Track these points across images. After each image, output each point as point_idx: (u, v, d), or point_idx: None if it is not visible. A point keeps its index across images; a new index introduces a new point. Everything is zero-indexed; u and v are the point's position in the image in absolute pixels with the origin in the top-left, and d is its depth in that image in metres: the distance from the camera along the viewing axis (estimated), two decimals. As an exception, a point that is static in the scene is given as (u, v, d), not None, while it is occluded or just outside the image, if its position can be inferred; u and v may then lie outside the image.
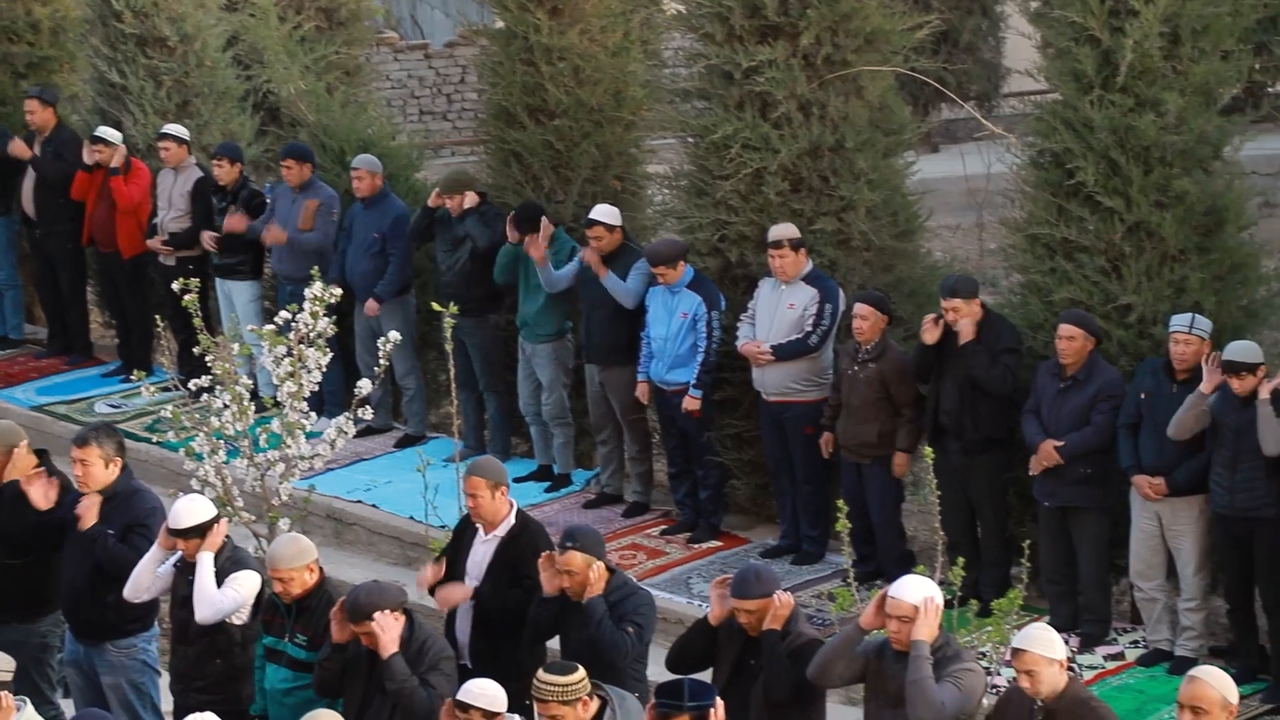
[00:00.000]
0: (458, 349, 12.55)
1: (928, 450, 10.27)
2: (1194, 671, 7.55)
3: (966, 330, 11.01)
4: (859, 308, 11.44)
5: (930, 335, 11.12)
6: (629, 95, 13.66)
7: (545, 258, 12.66)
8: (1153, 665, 10.69)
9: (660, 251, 12.22)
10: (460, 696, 8.07)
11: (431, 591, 9.68)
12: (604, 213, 12.69)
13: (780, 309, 11.91)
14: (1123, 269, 10.98)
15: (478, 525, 9.70)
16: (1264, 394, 9.94)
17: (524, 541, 9.56)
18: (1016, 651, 7.81)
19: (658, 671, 9.14)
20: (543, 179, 13.67)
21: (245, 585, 9.28)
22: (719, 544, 12.53)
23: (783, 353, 11.80)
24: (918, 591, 8.18)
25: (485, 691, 8.06)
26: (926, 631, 8.05)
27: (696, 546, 12.51)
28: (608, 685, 8.12)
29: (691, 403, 12.15)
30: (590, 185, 13.59)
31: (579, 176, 13.59)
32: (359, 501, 13.41)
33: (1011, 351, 11.02)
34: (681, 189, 12.84)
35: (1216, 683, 7.41)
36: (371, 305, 13.77)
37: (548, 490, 13.35)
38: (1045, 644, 7.78)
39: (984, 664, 10.13)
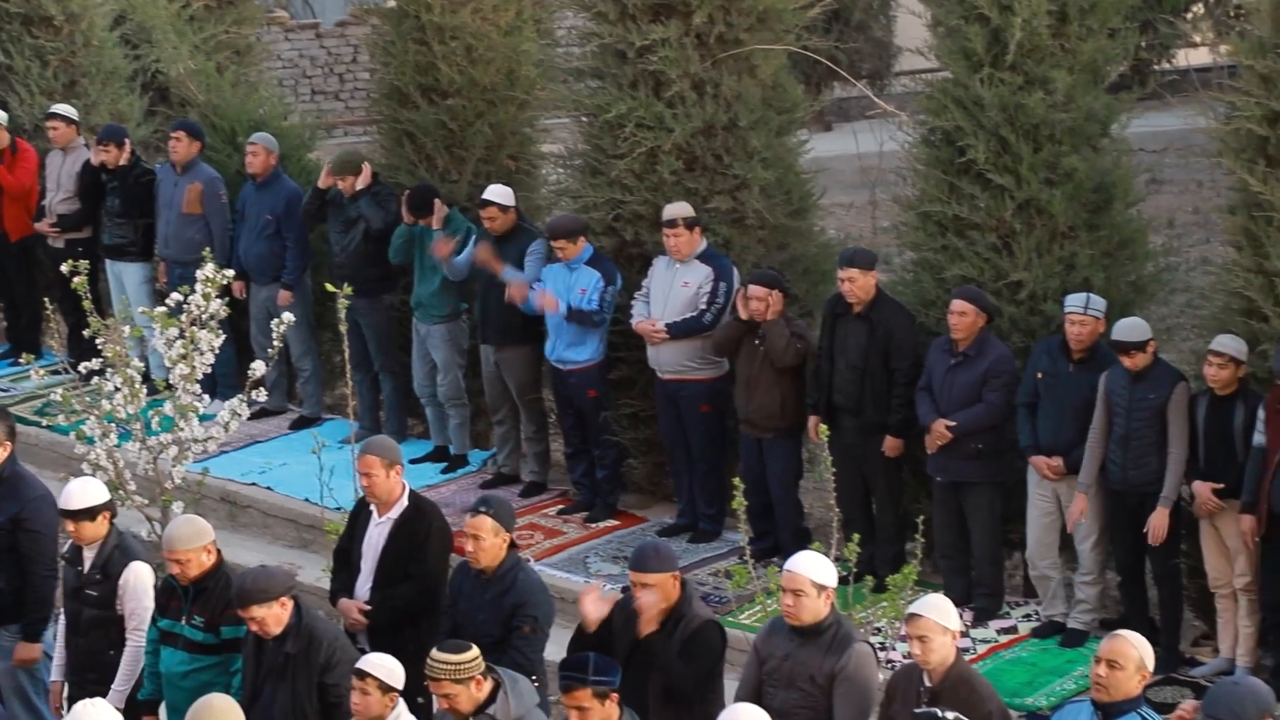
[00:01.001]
0: (352, 330, 12.49)
1: (823, 428, 10.32)
2: (1118, 630, 7.66)
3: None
4: (754, 289, 11.48)
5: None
6: (522, 74, 13.63)
7: (449, 255, 12.58)
8: (1046, 638, 10.81)
9: (560, 225, 12.21)
10: (360, 664, 8.07)
11: (333, 601, 9.65)
12: (497, 193, 12.66)
13: (675, 287, 11.93)
14: (1013, 246, 11.07)
15: (372, 508, 9.66)
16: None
17: (417, 524, 9.54)
18: (912, 616, 7.85)
19: (555, 651, 9.15)
20: (436, 159, 13.61)
21: (145, 595, 9.22)
22: (616, 523, 12.56)
23: (678, 330, 11.83)
24: (815, 568, 8.18)
25: (384, 664, 8.06)
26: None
27: (594, 526, 12.53)
28: (501, 668, 8.11)
29: (551, 300, 12.08)
30: (484, 165, 13.56)
31: (473, 156, 13.55)
32: (254, 484, 13.33)
33: (905, 332, 11.09)
34: (576, 168, 12.83)
35: (1138, 644, 7.53)
36: (284, 295, 13.69)
37: (444, 471, 13.33)
38: (942, 613, 7.85)
39: (879, 639, 10.23)
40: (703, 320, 11.82)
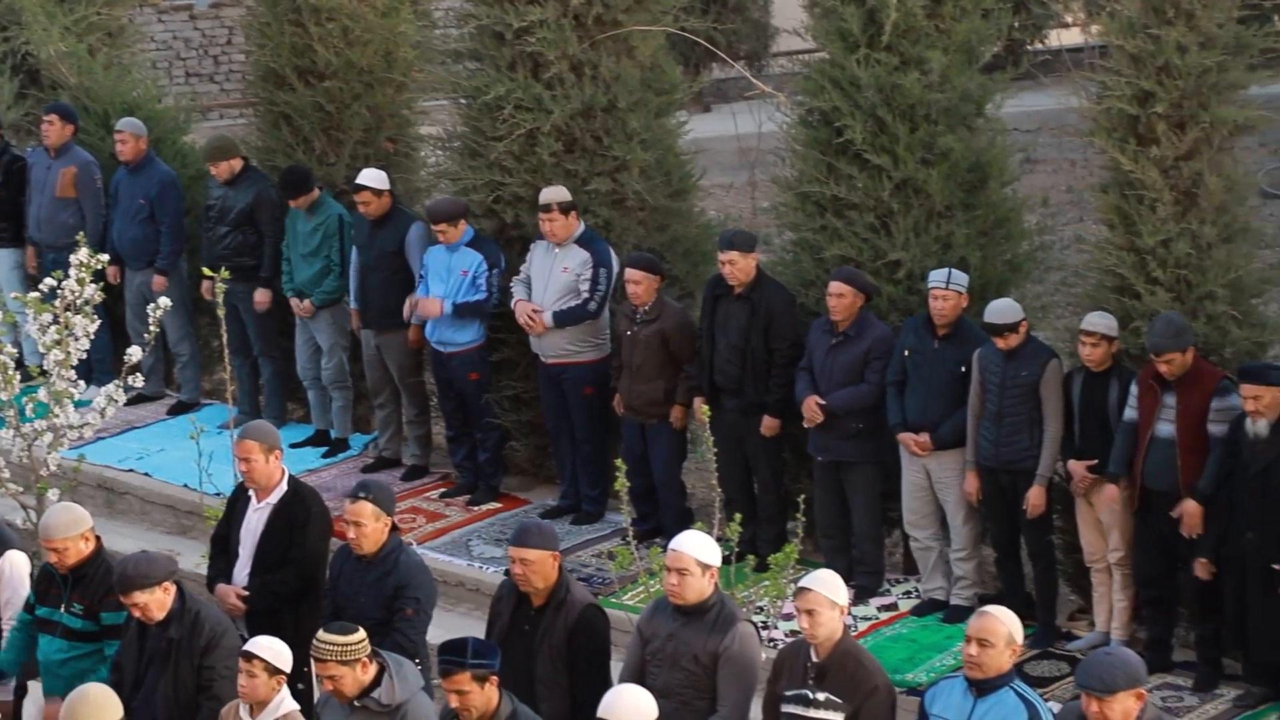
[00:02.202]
0: (230, 315, 12.39)
1: (705, 409, 10.36)
2: (986, 608, 7.72)
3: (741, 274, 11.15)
4: (631, 273, 11.49)
5: None
6: (400, 56, 13.55)
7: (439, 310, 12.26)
8: (926, 615, 10.91)
9: (440, 208, 12.16)
10: (248, 647, 8.03)
11: (211, 587, 9.58)
12: (371, 177, 12.59)
13: (555, 272, 11.92)
14: (891, 226, 11.15)
15: (251, 493, 9.60)
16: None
17: (296, 509, 9.49)
18: (801, 590, 7.89)
19: (438, 634, 9.13)
20: (313, 141, 13.52)
21: (21, 584, 9.11)
22: (498, 505, 12.54)
23: (562, 320, 11.82)
24: (699, 547, 8.20)
25: (272, 646, 8.04)
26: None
27: (476, 509, 12.51)
28: (386, 652, 8.09)
29: (435, 307, 12.02)
30: (362, 148, 13.48)
31: (350, 139, 13.46)
32: (131, 470, 13.21)
33: (786, 313, 11.14)
34: (455, 150, 12.78)
35: (1005, 619, 7.59)
36: (159, 281, 13.55)
37: (325, 455, 13.26)
38: (831, 587, 7.89)
39: (761, 619, 10.28)
40: (588, 309, 11.82)
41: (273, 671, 7.99)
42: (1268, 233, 15.68)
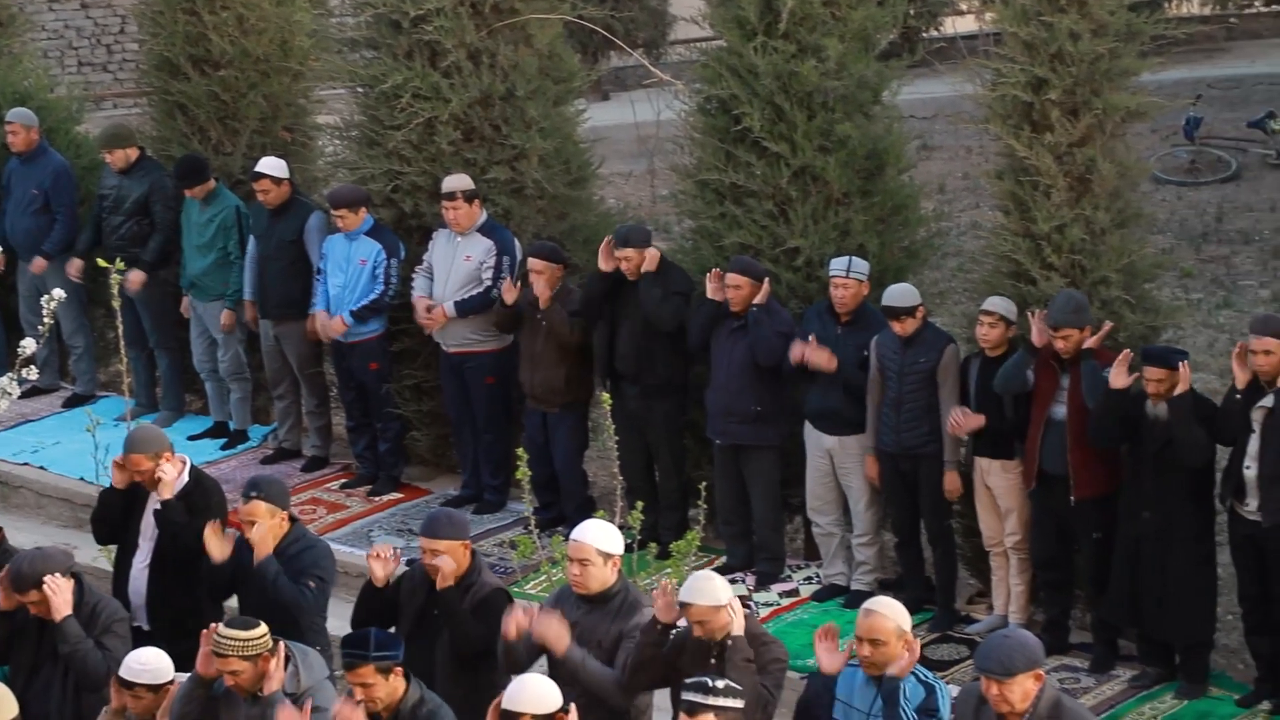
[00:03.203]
0: (126, 306, 12.28)
1: (605, 396, 10.36)
2: (868, 605, 7.73)
3: (650, 263, 11.12)
4: (534, 262, 11.48)
5: (606, 264, 11.13)
6: (296, 45, 13.47)
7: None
8: (827, 600, 10.97)
9: (341, 195, 12.11)
10: (122, 674, 7.94)
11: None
12: (271, 165, 12.52)
13: (457, 261, 11.89)
14: (790, 213, 11.20)
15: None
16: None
17: (196, 499, 9.42)
18: (684, 605, 7.90)
19: (339, 625, 9.10)
20: (209, 131, 13.42)
21: None
22: (400, 496, 12.51)
23: (466, 309, 11.79)
24: (603, 539, 8.19)
25: (148, 666, 7.95)
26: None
27: (377, 499, 12.46)
28: (290, 641, 8.05)
29: (338, 326, 12.04)
30: (259, 137, 13.39)
31: (247, 128, 13.37)
32: (26, 464, 13.07)
33: (682, 295, 11.16)
34: (353, 139, 12.72)
35: (891, 614, 7.62)
36: (39, 263, 13.41)
37: (224, 447, 13.17)
38: (708, 594, 7.84)
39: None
40: (490, 296, 11.80)
41: (157, 688, 7.92)
42: (1160, 218, 15.91)
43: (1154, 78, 10.86)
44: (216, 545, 8.92)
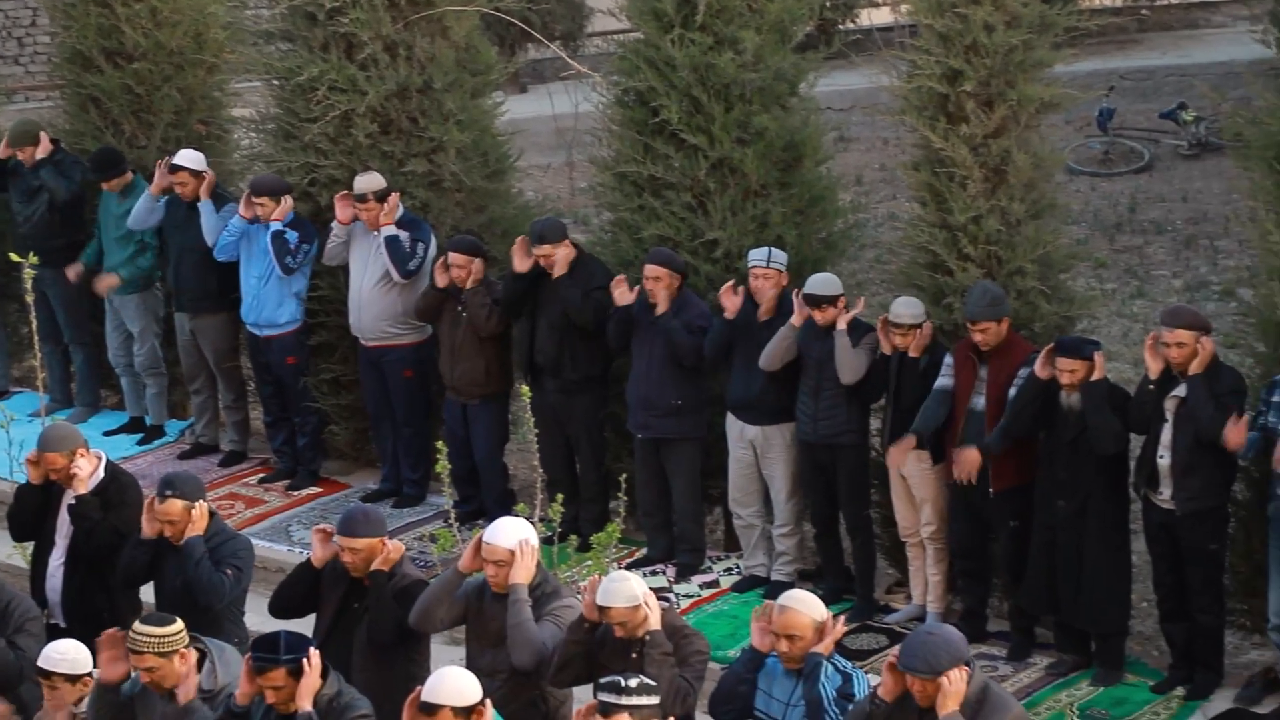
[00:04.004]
0: (40, 301, 12.18)
1: (525, 389, 10.35)
2: (783, 600, 7.75)
3: (560, 266, 11.11)
4: (453, 256, 11.45)
5: (521, 264, 11.12)
6: (210, 37, 13.39)
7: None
8: (747, 591, 11.01)
9: (264, 182, 12.04)
10: (40, 663, 7.87)
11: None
12: (189, 158, 12.45)
13: (374, 254, 11.84)
14: (708, 205, 11.22)
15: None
16: (841, 325, 10.29)
17: (111, 492, 9.37)
18: (603, 610, 7.91)
19: (259, 621, 9.06)
20: (123, 124, 13.32)
21: None
22: (319, 490, 12.47)
23: (393, 248, 11.64)
24: (512, 535, 8.23)
25: (65, 655, 7.90)
26: (523, 574, 8.12)
27: (296, 493, 12.42)
28: (206, 637, 8.01)
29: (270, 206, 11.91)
30: (174, 130, 13.31)
31: (161, 121, 13.29)
32: (-61, 462, 12.92)
33: (602, 289, 11.17)
34: (269, 132, 12.65)
35: (807, 609, 7.65)
36: None
37: (141, 442, 13.09)
38: (624, 595, 7.88)
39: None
40: (408, 267, 11.68)
41: (74, 679, 7.86)
42: (1074, 209, 16.04)
43: (1067, 69, 10.96)
44: (147, 522, 8.86)
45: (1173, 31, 23.32)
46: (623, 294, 10.84)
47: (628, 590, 7.86)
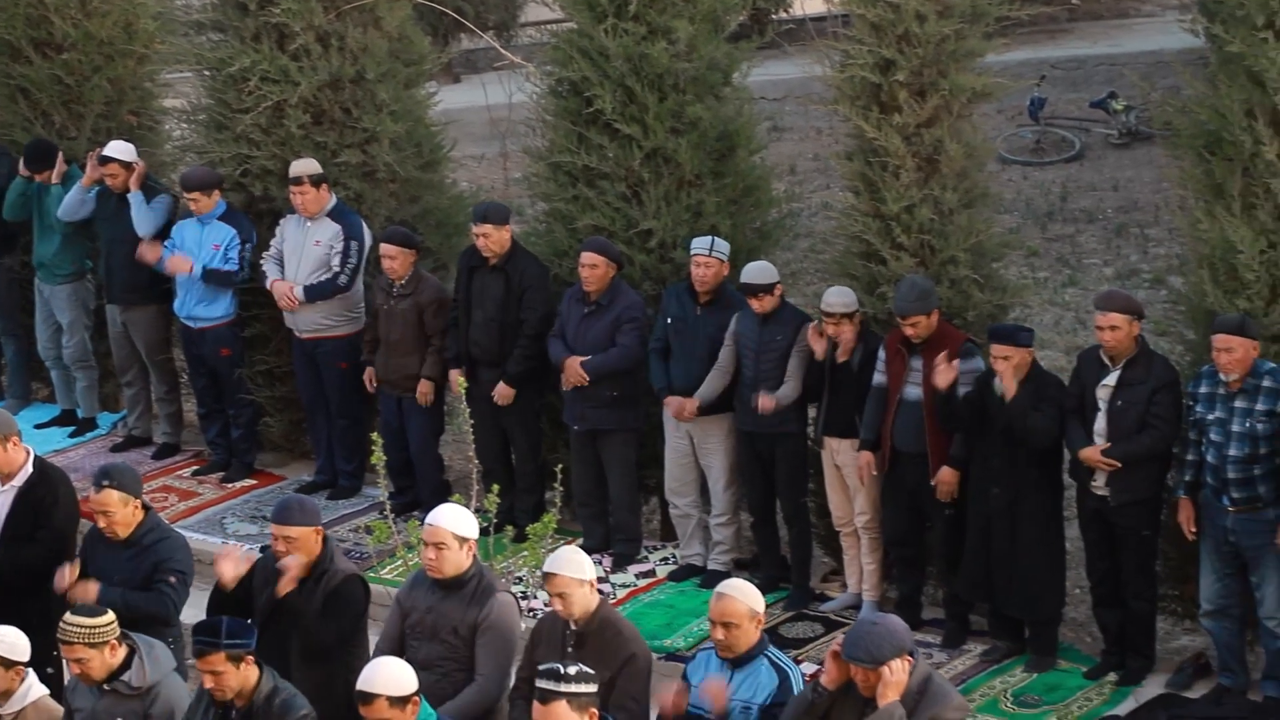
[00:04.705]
0: (-32, 294, 12.08)
1: (460, 380, 10.34)
2: (720, 588, 7.78)
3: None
4: (386, 247, 11.42)
5: (818, 347, 10.38)
6: (140, 27, 13.31)
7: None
8: (683, 580, 11.03)
9: (194, 177, 11.99)
10: None
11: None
12: (119, 149, 12.37)
13: (307, 245, 11.81)
14: (642, 195, 11.22)
15: (-8, 477, 9.39)
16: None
17: (41, 490, 9.30)
18: (548, 576, 7.93)
19: (192, 615, 9.01)
20: (53, 115, 13.23)
21: None
22: (253, 482, 12.42)
23: (313, 295, 11.71)
24: (454, 519, 8.18)
25: (4, 639, 7.86)
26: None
27: (230, 486, 12.37)
28: (136, 634, 7.96)
29: (181, 262, 11.92)
30: (104, 121, 13.23)
31: (91, 112, 13.21)
32: None
33: (534, 287, 11.16)
34: (200, 123, 12.59)
35: (743, 596, 7.67)
36: None
37: (72, 435, 13.01)
38: (574, 566, 7.93)
39: (520, 589, 10.31)
40: (337, 282, 11.74)
41: (9, 664, 7.82)
42: (1006, 198, 16.14)
43: (999, 59, 10.99)
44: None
45: (1103, 21, 23.46)
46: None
47: (578, 562, 7.90)
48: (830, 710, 7.30)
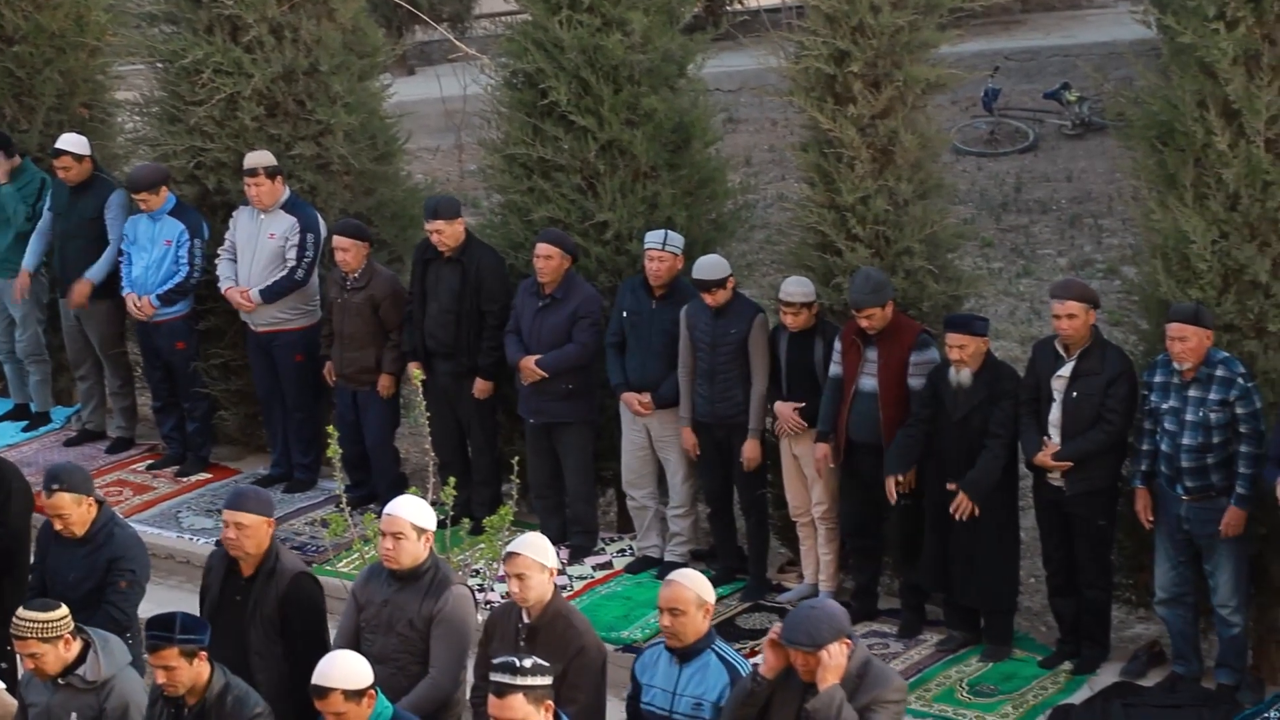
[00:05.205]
0: (-80, 288, 12.01)
1: (416, 372, 10.32)
2: (671, 575, 7.78)
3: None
4: (339, 240, 11.40)
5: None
6: (92, 20, 13.25)
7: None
8: (640, 572, 11.03)
9: (140, 177, 11.94)
10: None
11: None
12: (71, 142, 12.32)
13: (261, 239, 11.78)
14: (598, 187, 11.22)
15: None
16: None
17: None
18: (510, 555, 7.91)
19: (147, 608, 8.98)
20: (4, 108, 13.18)
21: None
22: (209, 476, 12.38)
23: (272, 295, 11.68)
24: (411, 508, 8.16)
25: None
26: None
27: (185, 479, 12.33)
28: (91, 628, 7.93)
29: (146, 308, 11.93)
30: (55, 114, 13.18)
31: (43, 105, 13.14)
32: None
33: (496, 276, 11.15)
34: (153, 116, 12.53)
35: (692, 584, 7.66)
36: None
37: (26, 430, 12.95)
38: (539, 550, 7.92)
39: (477, 581, 10.30)
40: (294, 278, 11.70)
41: None
42: (960, 189, 16.18)
43: (953, 50, 11.02)
44: None
45: (1056, 12, 23.55)
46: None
47: (541, 546, 7.88)
48: (772, 699, 7.31)
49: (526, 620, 7.95)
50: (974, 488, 9.71)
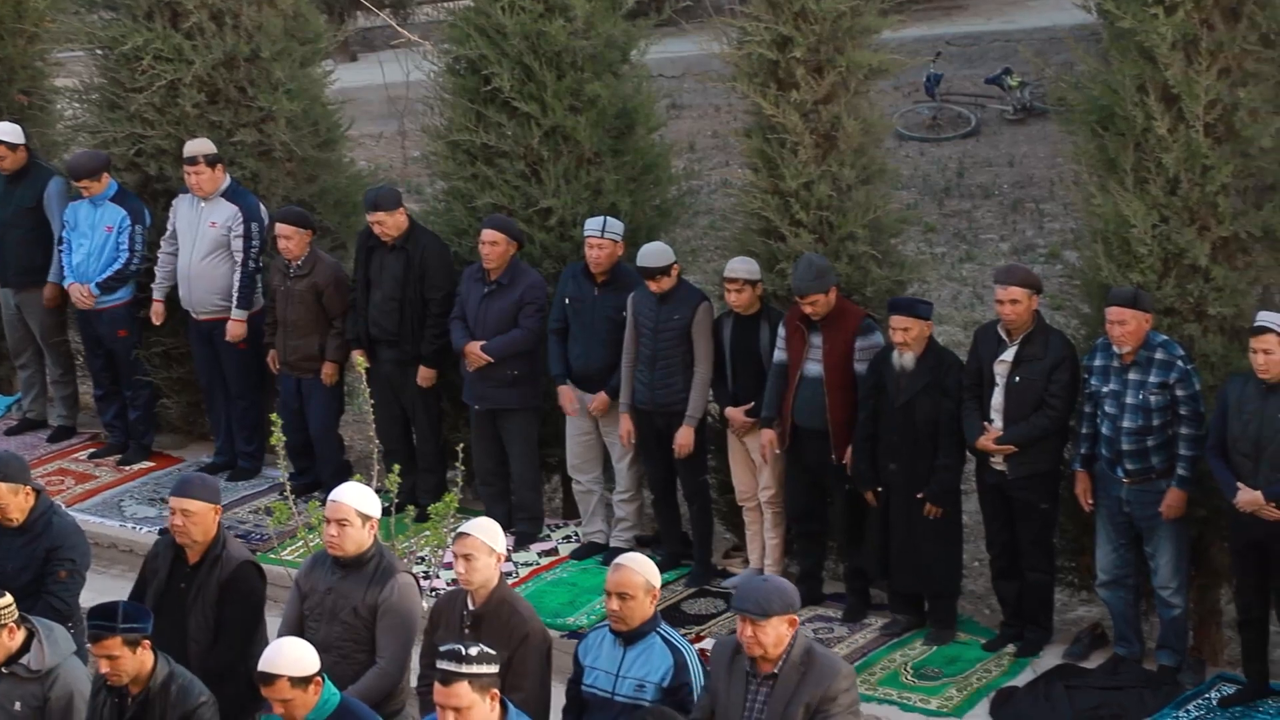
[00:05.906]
0: None
1: (361, 360, 10.29)
2: (619, 560, 7.82)
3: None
4: (281, 228, 11.36)
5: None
6: (30, 6, 13.17)
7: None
8: (586, 558, 11.04)
9: (80, 165, 11.87)
10: None
11: None
12: (5, 131, 12.28)
13: (202, 226, 11.73)
14: (541, 173, 11.21)
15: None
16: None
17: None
18: (460, 535, 7.91)
19: (93, 598, 8.93)
20: (-58, 96, 13.07)
21: None
22: (151, 464, 12.33)
23: (246, 300, 11.65)
24: (356, 496, 8.15)
25: None
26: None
27: (128, 468, 12.27)
28: (35, 617, 7.89)
29: (87, 298, 11.84)
30: (-6, 102, 13.08)
31: (-19, 93, 13.05)
32: None
33: (440, 263, 11.13)
34: (93, 103, 12.45)
35: (640, 568, 7.70)
36: None
37: (-34, 419, 12.88)
38: (489, 534, 7.92)
39: (422, 569, 10.28)
40: (248, 270, 11.69)
41: None
42: (903, 174, 16.22)
43: (895, 35, 11.06)
44: None
45: (990, -2, 23.64)
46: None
47: (492, 531, 7.89)
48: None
49: (472, 607, 7.94)
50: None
